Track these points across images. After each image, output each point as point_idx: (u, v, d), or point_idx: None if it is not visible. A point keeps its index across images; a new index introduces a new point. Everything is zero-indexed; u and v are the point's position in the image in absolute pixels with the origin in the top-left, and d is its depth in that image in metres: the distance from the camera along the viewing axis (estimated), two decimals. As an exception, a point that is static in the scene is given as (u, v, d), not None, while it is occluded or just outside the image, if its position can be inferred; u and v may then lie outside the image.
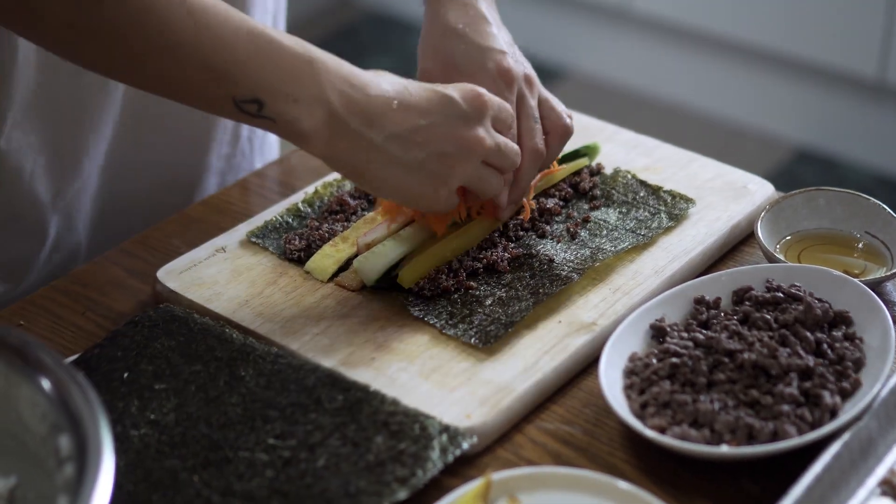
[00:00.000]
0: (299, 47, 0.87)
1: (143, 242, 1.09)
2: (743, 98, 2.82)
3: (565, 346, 0.92)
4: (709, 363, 0.87)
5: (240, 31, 0.85)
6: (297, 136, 0.88)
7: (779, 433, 0.82)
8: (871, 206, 1.02)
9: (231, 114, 0.87)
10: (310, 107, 0.87)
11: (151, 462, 0.83)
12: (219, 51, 0.84)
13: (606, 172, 1.12)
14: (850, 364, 0.87)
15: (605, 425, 0.88)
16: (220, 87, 0.85)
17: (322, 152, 0.89)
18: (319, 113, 0.87)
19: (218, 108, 0.87)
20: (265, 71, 0.86)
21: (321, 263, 0.99)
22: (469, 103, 0.92)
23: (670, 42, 2.87)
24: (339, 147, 0.89)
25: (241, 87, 0.85)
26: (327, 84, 0.87)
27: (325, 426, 0.85)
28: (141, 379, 0.89)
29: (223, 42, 0.85)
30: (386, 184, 0.91)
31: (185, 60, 0.84)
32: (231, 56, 0.85)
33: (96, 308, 1.00)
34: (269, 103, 0.86)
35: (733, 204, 1.07)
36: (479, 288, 0.98)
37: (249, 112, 0.86)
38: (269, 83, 0.86)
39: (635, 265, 1.00)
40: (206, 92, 0.86)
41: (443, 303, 0.96)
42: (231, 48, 0.85)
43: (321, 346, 0.93)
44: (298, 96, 0.86)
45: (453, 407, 0.87)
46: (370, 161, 0.90)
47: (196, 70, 0.85)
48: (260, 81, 0.86)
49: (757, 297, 0.92)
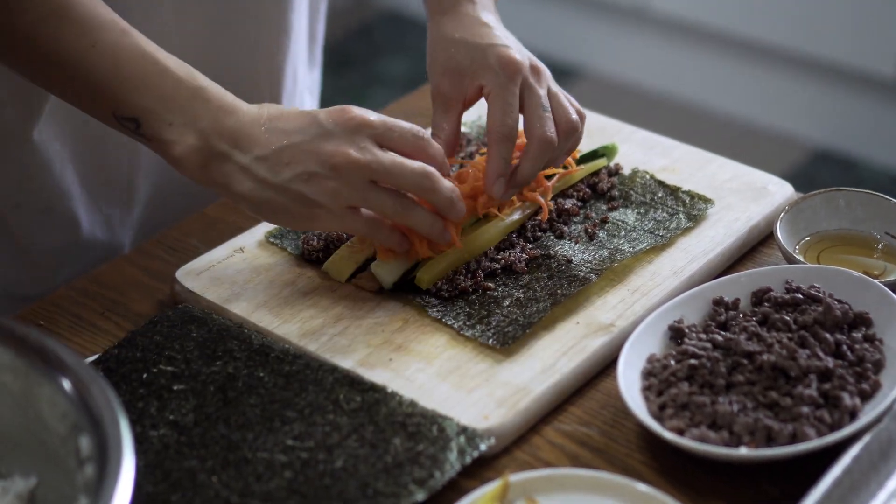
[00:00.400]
0: (186, 75, 0.92)
1: (161, 242, 1.09)
2: (760, 98, 2.81)
3: (583, 347, 0.92)
4: (727, 365, 0.87)
5: (131, 53, 0.90)
6: (170, 158, 0.92)
7: (798, 435, 0.82)
8: (892, 207, 1.02)
9: (114, 125, 0.92)
10: (181, 132, 0.91)
11: (171, 462, 0.83)
12: (102, 70, 0.90)
13: (624, 173, 1.12)
14: (869, 365, 0.86)
15: (622, 427, 0.88)
16: (102, 102, 0.91)
17: (194, 176, 0.92)
18: (190, 139, 0.90)
19: (103, 119, 0.92)
20: (145, 93, 0.90)
21: (339, 264, 0.99)
22: (334, 120, 0.92)
23: (687, 42, 2.87)
24: (210, 171, 0.92)
25: (121, 105, 0.90)
26: (202, 111, 0.91)
27: (343, 427, 0.85)
28: (160, 379, 0.89)
29: (108, 62, 0.89)
30: (262, 207, 0.92)
31: (73, 75, 0.90)
32: (114, 75, 0.90)
33: (115, 308, 1.01)
34: (144, 124, 0.91)
35: (752, 205, 1.07)
36: (496, 289, 0.98)
37: (128, 128, 0.91)
38: (147, 105, 0.90)
39: (654, 266, 1.00)
40: (90, 104, 0.92)
41: (461, 304, 0.96)
42: (115, 68, 0.90)
43: (339, 347, 0.93)
44: (172, 121, 0.91)
45: (471, 408, 0.87)
46: (241, 183, 0.91)
47: (81, 84, 0.91)
48: (139, 102, 0.90)
49: (776, 298, 0.92)
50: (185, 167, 0.91)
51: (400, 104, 1.32)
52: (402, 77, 2.98)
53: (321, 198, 0.91)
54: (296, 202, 0.91)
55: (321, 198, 0.91)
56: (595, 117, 1.19)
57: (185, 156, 0.91)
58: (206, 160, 0.91)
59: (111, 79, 0.90)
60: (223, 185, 0.92)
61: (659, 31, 2.90)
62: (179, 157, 0.91)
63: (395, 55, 3.15)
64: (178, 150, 0.91)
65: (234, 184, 0.91)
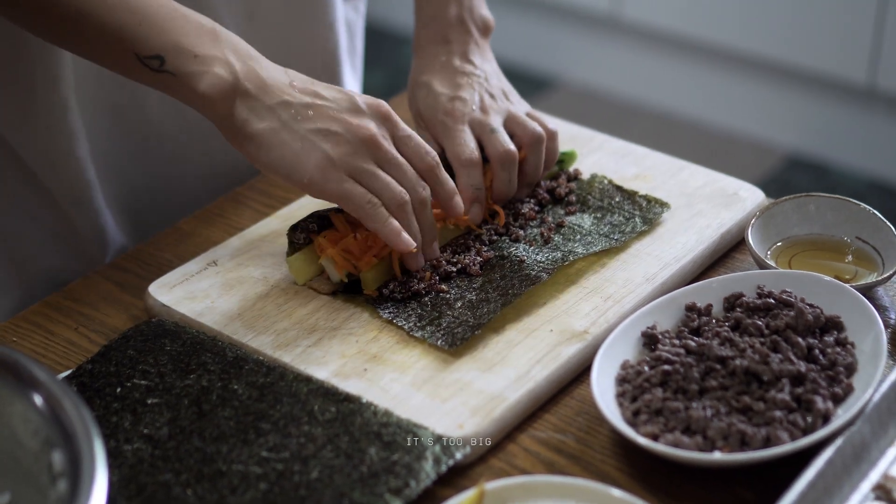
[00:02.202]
0: (205, 19, 0.94)
1: (134, 257, 1.09)
2: (734, 105, 2.83)
3: (557, 354, 0.92)
4: (701, 370, 0.87)
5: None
6: (194, 93, 0.92)
7: (771, 439, 0.82)
8: (862, 212, 1.02)
9: (134, 69, 0.92)
10: (209, 63, 0.92)
11: (145, 476, 0.83)
12: (124, 12, 0.91)
13: (584, 178, 1.12)
14: (842, 369, 0.87)
15: (597, 433, 0.88)
16: (124, 44, 0.91)
17: (215, 109, 0.93)
18: (219, 70, 0.92)
19: (122, 63, 0.92)
20: (170, 31, 0.92)
21: (299, 266, 0.99)
22: (367, 103, 0.96)
23: (660, 50, 2.88)
24: (233, 105, 0.92)
25: (144, 44, 0.91)
26: (229, 49, 0.93)
27: (318, 438, 0.85)
28: (134, 393, 0.89)
29: (130, 5, 0.91)
30: (272, 147, 0.93)
31: (95, 17, 0.90)
32: (137, 17, 0.91)
33: (89, 323, 1.00)
34: (169, 59, 0.91)
35: (724, 211, 1.08)
36: (449, 291, 0.98)
37: (151, 67, 0.91)
38: (172, 40, 0.91)
39: (626, 273, 1.00)
40: (112, 46, 0.92)
41: (413, 305, 0.97)
42: (137, 11, 0.91)
43: (313, 358, 0.93)
44: (199, 53, 0.92)
45: (446, 417, 0.87)
46: (260, 121, 0.93)
47: (101, 28, 0.90)
48: (164, 38, 0.91)
49: (748, 303, 0.93)
50: (209, 99, 0.92)
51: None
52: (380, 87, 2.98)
53: (334, 153, 0.93)
54: (308, 151, 0.93)
55: (334, 153, 0.93)
56: (567, 126, 1.20)
57: (212, 87, 0.91)
58: (232, 95, 0.92)
59: (133, 21, 0.90)
60: (242, 121, 0.93)
61: (632, 40, 2.91)
62: (205, 90, 0.91)
63: (372, 67, 3.15)
64: (206, 81, 0.91)
65: (253, 121, 0.93)
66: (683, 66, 2.87)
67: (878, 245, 1.01)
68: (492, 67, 1.11)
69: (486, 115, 1.06)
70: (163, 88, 0.93)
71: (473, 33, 1.11)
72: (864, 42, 2.55)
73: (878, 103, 2.62)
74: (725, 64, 2.79)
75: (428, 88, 1.09)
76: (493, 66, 1.12)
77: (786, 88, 2.73)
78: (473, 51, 1.11)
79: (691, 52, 2.83)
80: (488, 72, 1.10)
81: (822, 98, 2.70)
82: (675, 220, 1.07)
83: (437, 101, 1.07)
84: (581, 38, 2.99)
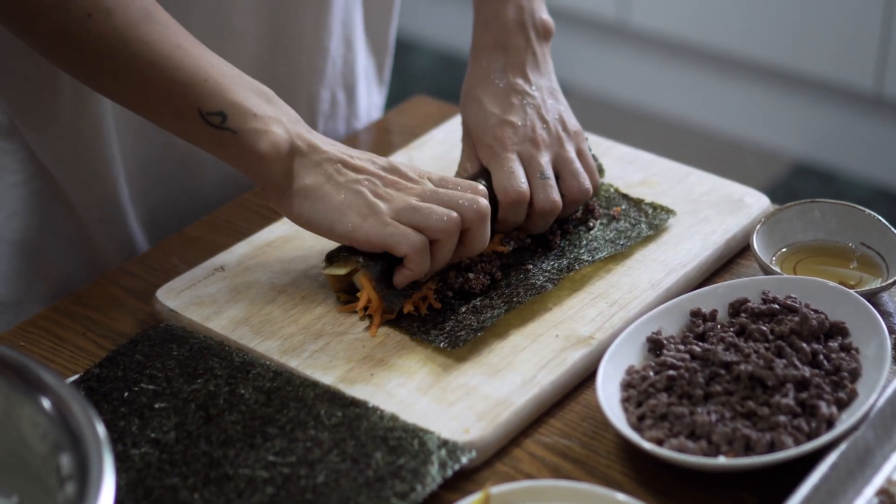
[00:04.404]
0: (258, 83, 0.96)
1: (142, 262, 1.09)
2: (741, 112, 2.83)
3: (563, 359, 0.93)
4: (705, 375, 0.87)
5: (208, 55, 0.94)
6: (251, 151, 0.93)
7: (776, 444, 0.82)
8: (866, 218, 1.03)
9: (195, 125, 0.93)
10: (267, 122, 0.94)
11: (152, 480, 0.83)
12: (189, 69, 0.92)
13: None
14: (846, 374, 0.87)
15: (602, 438, 0.88)
16: (188, 99, 0.92)
17: (270, 168, 0.94)
18: (278, 129, 0.94)
19: (183, 119, 0.94)
20: (230, 89, 0.94)
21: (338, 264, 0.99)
22: (402, 164, 0.99)
23: (667, 57, 2.89)
24: (288, 163, 0.95)
25: (208, 101, 0.93)
26: (281, 111, 0.96)
27: (324, 442, 0.85)
28: (141, 398, 0.90)
29: (195, 61, 0.93)
30: (318, 200, 0.95)
31: (162, 74, 0.92)
32: (199, 74, 0.92)
33: (96, 328, 1.01)
34: (231, 116, 0.93)
35: (729, 217, 1.08)
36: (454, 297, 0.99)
37: (213, 123, 0.93)
38: (233, 99, 0.93)
39: (632, 279, 1.01)
40: (174, 102, 0.93)
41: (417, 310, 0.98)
42: (200, 68, 0.93)
43: (320, 363, 0.93)
44: (258, 113, 0.94)
45: (452, 422, 0.87)
46: (308, 176, 0.95)
47: (170, 83, 0.92)
48: (226, 96, 0.93)
49: (753, 308, 0.93)
50: (266, 159, 0.94)
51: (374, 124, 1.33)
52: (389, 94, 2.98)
53: (377, 201, 0.95)
54: (352, 201, 0.94)
55: (377, 201, 0.95)
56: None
57: (272, 146, 0.93)
58: (290, 154, 0.95)
59: (197, 77, 0.92)
60: (291, 179, 0.95)
61: (638, 47, 2.92)
62: (265, 149, 0.93)
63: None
64: (267, 140, 0.93)
65: (301, 177, 0.95)
66: (690, 73, 2.87)
67: (882, 251, 1.01)
68: (548, 84, 1.09)
69: (536, 150, 1.04)
70: (217, 146, 0.94)
71: (532, 40, 1.09)
72: (871, 49, 2.55)
73: (885, 110, 2.62)
74: (732, 70, 2.80)
75: (479, 105, 1.07)
76: (549, 81, 1.10)
77: (792, 95, 2.74)
78: (530, 63, 1.09)
79: (698, 59, 2.84)
80: (544, 91, 1.08)
81: (829, 105, 2.70)
82: (680, 227, 1.07)
83: (487, 121, 1.06)
84: (588, 44, 3.00)
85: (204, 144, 0.95)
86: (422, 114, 1.32)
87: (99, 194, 1.12)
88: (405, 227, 0.94)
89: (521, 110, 1.06)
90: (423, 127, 1.27)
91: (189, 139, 0.95)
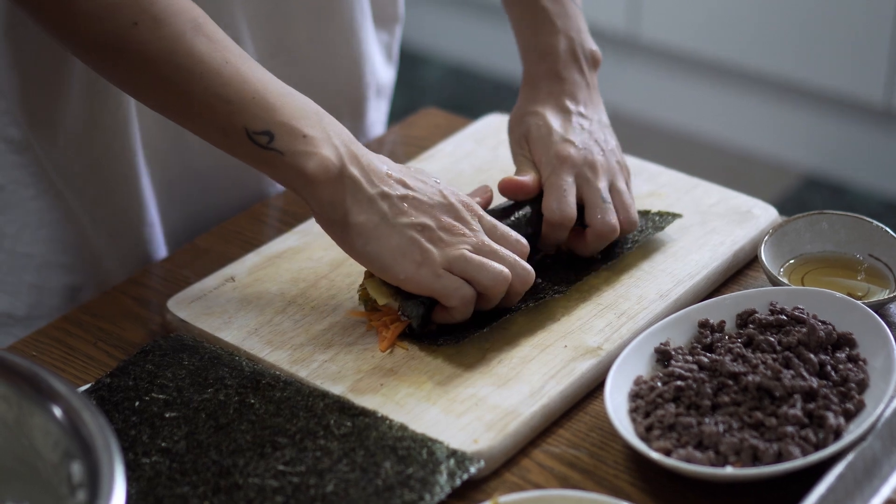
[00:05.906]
0: (309, 100, 0.93)
1: (153, 273, 1.10)
2: (750, 125, 2.83)
3: (571, 370, 0.93)
4: (713, 386, 0.88)
5: (256, 71, 0.91)
6: (299, 173, 0.91)
7: (783, 454, 0.82)
8: (874, 230, 1.03)
9: (242, 144, 0.91)
10: (316, 144, 0.91)
11: (163, 489, 0.84)
12: (236, 85, 0.90)
13: None
14: (853, 385, 0.87)
15: (611, 448, 0.88)
16: (235, 116, 0.90)
17: (319, 192, 0.91)
18: (327, 151, 0.91)
19: (229, 137, 0.91)
20: (278, 108, 0.90)
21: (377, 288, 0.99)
22: (455, 196, 0.96)
23: (677, 69, 2.89)
24: (338, 191, 0.91)
25: (255, 120, 0.90)
26: (332, 130, 0.92)
27: (333, 452, 0.86)
28: (152, 407, 0.90)
29: (243, 77, 0.90)
30: (371, 240, 0.92)
31: (208, 89, 0.89)
32: (246, 91, 0.90)
33: (107, 338, 1.02)
34: (278, 136, 0.90)
35: (737, 228, 1.08)
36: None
37: (259, 143, 0.90)
38: (280, 119, 0.90)
39: (640, 290, 1.01)
40: (220, 119, 0.90)
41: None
42: (247, 84, 0.90)
43: (330, 373, 0.94)
44: (307, 134, 0.90)
45: (460, 432, 0.88)
46: (361, 213, 0.92)
47: (216, 99, 0.90)
48: (273, 115, 0.90)
49: (761, 319, 0.93)
50: (314, 181, 0.91)
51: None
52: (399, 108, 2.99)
53: (431, 247, 0.93)
54: (406, 249, 0.93)
55: (431, 247, 0.93)
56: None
57: (320, 168, 0.90)
58: (339, 179, 0.91)
59: (244, 94, 0.89)
60: (344, 211, 0.92)
61: (648, 59, 2.92)
62: (313, 171, 0.90)
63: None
64: (315, 162, 0.90)
65: (354, 212, 0.92)
66: (700, 85, 2.87)
67: (890, 262, 1.02)
68: (599, 117, 1.09)
69: (594, 175, 1.04)
70: (264, 165, 0.92)
71: (585, 72, 1.10)
72: (881, 61, 2.56)
73: (895, 123, 2.62)
74: (742, 83, 2.80)
75: (543, 121, 1.06)
76: (600, 114, 1.10)
77: (802, 108, 2.74)
78: (583, 93, 1.09)
79: (707, 72, 2.84)
80: (594, 122, 1.09)
81: (839, 117, 2.70)
82: (688, 238, 1.07)
83: (551, 136, 1.05)
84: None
85: (251, 163, 0.93)
86: (430, 126, 1.33)
87: (113, 210, 1.13)
88: (456, 279, 0.93)
89: (581, 132, 1.06)
90: (431, 139, 1.28)
91: (236, 157, 0.93)
